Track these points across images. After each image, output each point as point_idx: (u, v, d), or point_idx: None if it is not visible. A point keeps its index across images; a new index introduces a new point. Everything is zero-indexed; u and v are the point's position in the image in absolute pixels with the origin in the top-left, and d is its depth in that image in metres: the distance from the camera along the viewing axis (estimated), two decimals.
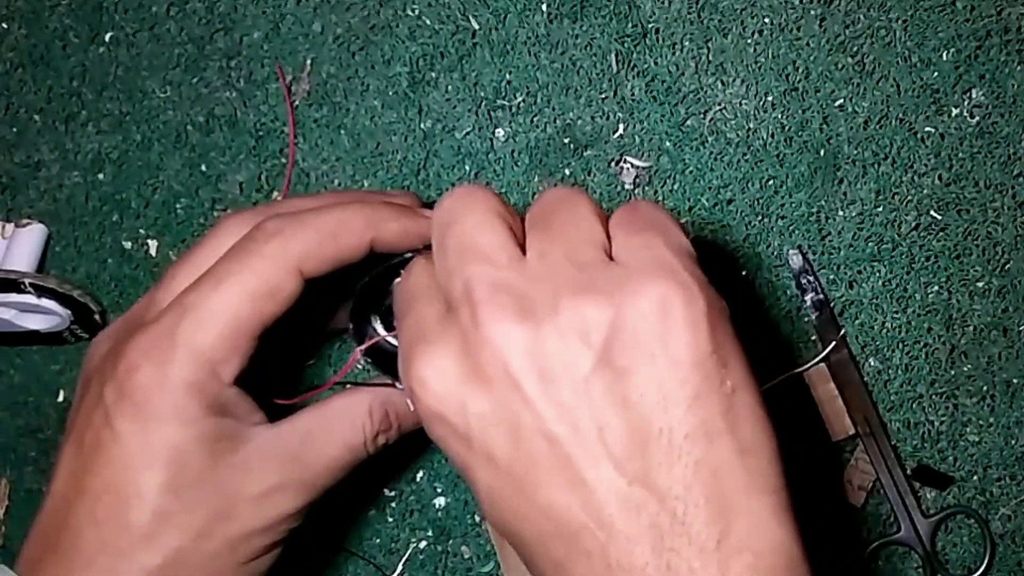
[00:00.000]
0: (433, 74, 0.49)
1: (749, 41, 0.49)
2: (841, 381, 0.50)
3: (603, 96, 0.49)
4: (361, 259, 0.39)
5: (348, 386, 0.42)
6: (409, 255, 0.39)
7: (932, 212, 0.50)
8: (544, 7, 0.49)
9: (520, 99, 0.49)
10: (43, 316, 0.49)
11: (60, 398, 0.52)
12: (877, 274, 0.50)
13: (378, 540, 0.52)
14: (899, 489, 0.50)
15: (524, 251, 0.33)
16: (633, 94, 0.49)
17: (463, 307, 0.32)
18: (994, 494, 0.51)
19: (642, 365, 0.30)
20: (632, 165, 0.50)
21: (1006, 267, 0.50)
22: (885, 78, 0.49)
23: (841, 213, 0.50)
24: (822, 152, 0.49)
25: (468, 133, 0.49)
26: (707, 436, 0.30)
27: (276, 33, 0.49)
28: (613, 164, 0.50)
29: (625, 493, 0.30)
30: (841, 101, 0.49)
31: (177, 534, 0.36)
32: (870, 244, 0.50)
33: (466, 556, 0.52)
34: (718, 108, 0.49)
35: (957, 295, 0.50)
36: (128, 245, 0.51)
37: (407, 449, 0.48)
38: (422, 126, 0.49)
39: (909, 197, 0.50)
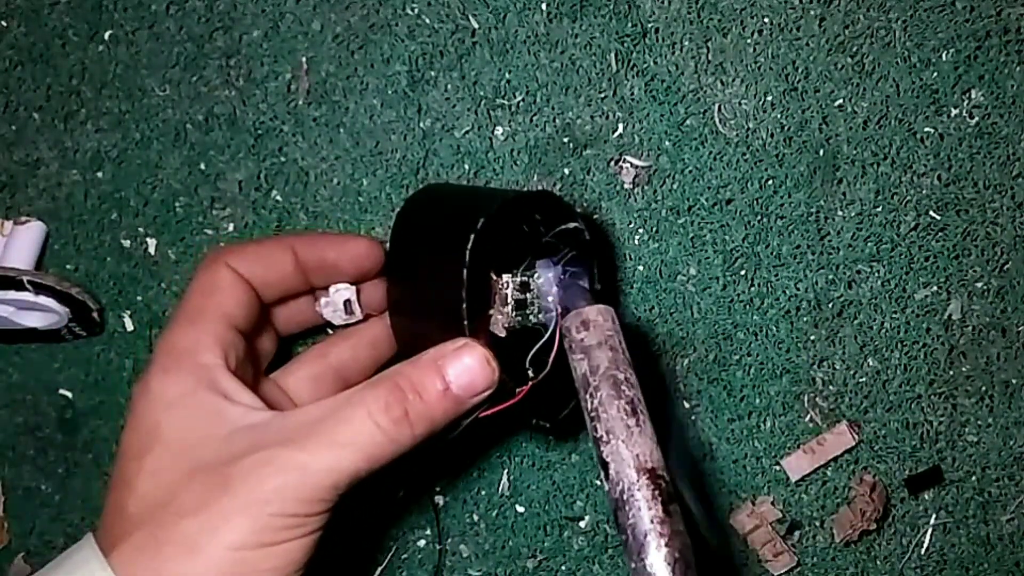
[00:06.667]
0: (432, 73, 0.49)
1: (749, 41, 0.49)
2: None
3: (602, 95, 0.49)
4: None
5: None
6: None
7: (931, 212, 0.50)
8: (544, 6, 0.49)
9: (519, 98, 0.49)
10: (41, 314, 0.49)
11: (58, 396, 0.52)
12: (876, 274, 0.50)
13: (377, 538, 0.52)
14: None
15: None
16: (632, 93, 0.49)
17: None
18: (993, 494, 0.51)
19: None
20: (631, 164, 0.50)
21: (1005, 267, 0.50)
22: (885, 78, 0.49)
23: (840, 213, 0.50)
24: (821, 152, 0.49)
25: (467, 132, 0.49)
26: None
27: (275, 31, 0.49)
28: (612, 163, 0.50)
29: None
30: (841, 101, 0.49)
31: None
32: (869, 244, 0.50)
33: (464, 555, 0.52)
34: (717, 108, 0.49)
35: (956, 295, 0.50)
36: (127, 243, 0.51)
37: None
38: (421, 125, 0.49)
39: (908, 197, 0.50)
